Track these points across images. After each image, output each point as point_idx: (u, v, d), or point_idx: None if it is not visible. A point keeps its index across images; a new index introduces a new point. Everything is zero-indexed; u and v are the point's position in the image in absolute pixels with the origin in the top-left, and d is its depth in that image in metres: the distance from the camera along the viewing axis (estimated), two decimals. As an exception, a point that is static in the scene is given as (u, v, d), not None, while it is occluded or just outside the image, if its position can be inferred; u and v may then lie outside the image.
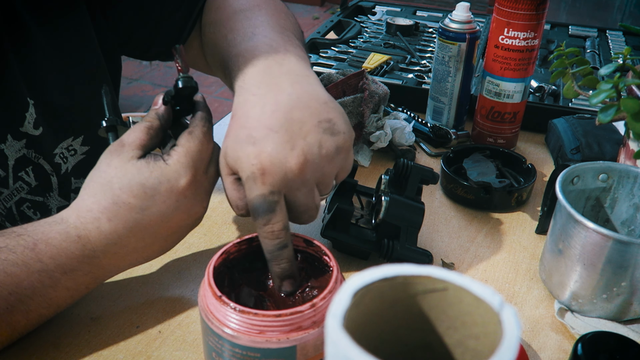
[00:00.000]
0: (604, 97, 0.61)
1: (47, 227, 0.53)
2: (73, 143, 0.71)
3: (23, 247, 0.51)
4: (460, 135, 0.94)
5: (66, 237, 0.52)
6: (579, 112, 0.94)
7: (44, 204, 0.68)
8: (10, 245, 0.51)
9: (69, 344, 0.56)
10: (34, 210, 0.67)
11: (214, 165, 0.57)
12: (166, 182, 0.53)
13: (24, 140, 0.65)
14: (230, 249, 0.52)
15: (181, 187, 0.53)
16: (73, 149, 0.71)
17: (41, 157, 0.67)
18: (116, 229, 0.53)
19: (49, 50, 0.67)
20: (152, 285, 0.64)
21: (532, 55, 0.85)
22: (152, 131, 0.56)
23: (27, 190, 0.66)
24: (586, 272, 0.58)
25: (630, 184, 0.64)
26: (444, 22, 0.91)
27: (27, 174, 0.66)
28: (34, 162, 0.66)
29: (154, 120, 0.56)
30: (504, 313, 0.29)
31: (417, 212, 0.65)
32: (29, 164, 0.66)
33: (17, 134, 0.64)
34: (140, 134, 0.55)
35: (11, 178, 0.64)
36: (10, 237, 0.52)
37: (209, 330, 0.47)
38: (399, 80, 1.06)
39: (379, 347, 0.34)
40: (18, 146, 0.64)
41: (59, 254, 0.52)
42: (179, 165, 0.54)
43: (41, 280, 0.51)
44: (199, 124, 0.56)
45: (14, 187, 0.64)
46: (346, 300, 0.30)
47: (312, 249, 0.54)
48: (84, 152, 0.72)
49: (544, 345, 0.58)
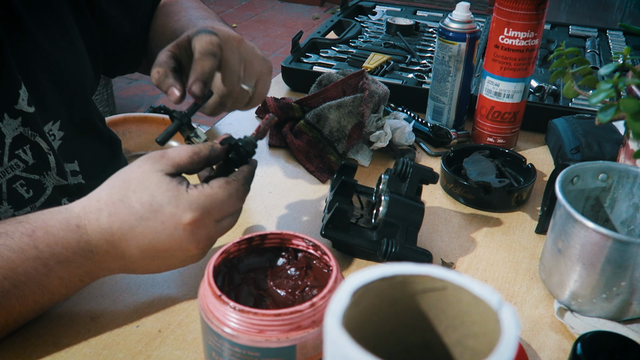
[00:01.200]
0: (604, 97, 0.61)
1: (49, 215, 0.54)
2: (52, 127, 0.72)
3: (21, 233, 0.52)
4: (460, 135, 0.94)
5: (65, 226, 0.53)
6: (579, 112, 0.94)
7: (39, 182, 0.69)
8: (9, 230, 0.52)
9: (69, 343, 0.56)
10: (27, 188, 0.67)
11: (230, 221, 0.58)
12: (174, 206, 0.54)
13: (20, 118, 0.65)
14: (230, 248, 0.52)
15: (184, 220, 0.54)
16: (52, 134, 0.72)
17: (37, 134, 0.68)
18: (111, 226, 0.54)
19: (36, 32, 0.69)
20: (152, 285, 0.64)
21: (532, 55, 0.85)
22: (197, 158, 0.57)
23: (23, 168, 0.66)
24: (586, 272, 0.58)
25: (630, 184, 0.64)
26: (444, 22, 0.91)
27: (24, 152, 0.67)
28: (31, 141, 0.67)
29: (205, 150, 0.57)
30: (502, 312, 0.29)
31: (417, 211, 0.65)
32: (26, 142, 0.67)
33: (13, 112, 0.65)
34: (184, 155, 0.56)
35: (6, 156, 0.65)
36: (11, 224, 0.53)
37: (208, 330, 0.47)
38: (399, 80, 1.06)
39: (378, 346, 0.34)
40: (15, 124, 0.65)
41: (55, 243, 0.53)
42: (195, 200, 0.54)
43: (35, 267, 0.52)
44: (239, 179, 0.58)
45: (8, 165, 0.65)
46: (345, 299, 0.30)
47: (312, 248, 0.54)
48: (60, 137, 0.73)
49: (544, 345, 0.58)
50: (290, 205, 0.78)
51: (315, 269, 0.53)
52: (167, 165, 0.55)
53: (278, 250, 0.55)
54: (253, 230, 0.73)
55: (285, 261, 0.54)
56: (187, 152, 0.56)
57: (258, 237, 0.54)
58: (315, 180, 0.84)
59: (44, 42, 0.70)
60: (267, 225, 0.75)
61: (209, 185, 0.55)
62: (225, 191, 0.56)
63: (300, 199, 0.80)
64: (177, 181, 0.55)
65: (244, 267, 0.53)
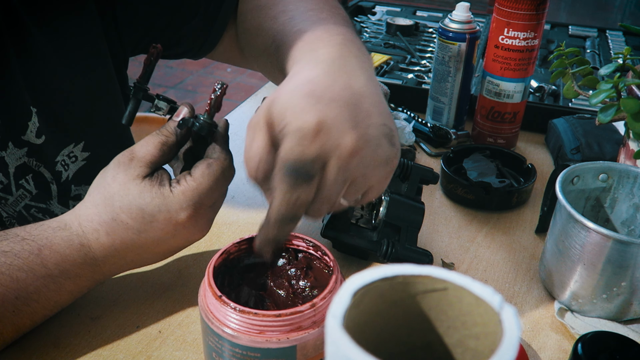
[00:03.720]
0: (604, 97, 0.61)
1: (52, 233, 0.53)
2: (74, 149, 0.70)
3: (28, 253, 0.51)
4: (460, 135, 0.94)
5: (69, 245, 0.53)
6: (579, 112, 0.94)
7: (47, 209, 0.68)
8: (16, 249, 0.51)
9: (69, 344, 0.56)
10: (42, 214, 0.67)
11: (222, 197, 0.56)
12: (165, 212, 0.52)
13: (25, 148, 0.64)
14: (231, 248, 0.52)
15: (180, 219, 0.53)
16: (74, 155, 0.70)
17: (42, 165, 0.66)
18: (113, 243, 0.53)
19: (53, 58, 0.66)
20: (152, 285, 0.64)
21: (532, 55, 0.85)
22: (166, 147, 0.54)
23: (30, 198, 0.66)
24: (586, 272, 0.58)
25: (630, 184, 0.64)
26: (444, 22, 0.91)
27: (27, 182, 0.65)
28: (34, 171, 0.66)
29: (170, 136, 0.54)
30: (504, 313, 0.29)
31: (417, 212, 0.65)
32: (29, 171, 0.65)
33: (19, 142, 0.63)
34: (153, 149, 0.53)
35: (13, 185, 0.64)
36: (15, 241, 0.52)
37: (209, 330, 0.47)
38: (399, 80, 1.06)
39: (379, 347, 0.34)
40: (19, 154, 0.64)
41: (63, 261, 0.52)
42: (184, 198, 0.52)
43: (46, 285, 0.52)
44: (219, 158, 0.54)
45: (18, 195, 0.64)
46: (346, 300, 0.30)
47: (312, 248, 0.54)
48: (84, 158, 0.71)
49: (544, 345, 0.58)
50: (291, 205, 0.78)
51: (315, 270, 0.53)
52: (140, 167, 0.53)
53: (278, 250, 0.55)
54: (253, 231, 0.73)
55: (286, 262, 0.54)
56: (154, 145, 0.53)
57: (258, 237, 0.54)
58: (315, 181, 0.84)
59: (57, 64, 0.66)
60: (267, 225, 0.75)
61: (192, 177, 0.53)
62: (210, 178, 0.53)
63: (300, 199, 0.79)
64: (157, 183, 0.52)
65: (244, 268, 0.53)
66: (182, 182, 0.53)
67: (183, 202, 0.52)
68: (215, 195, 0.54)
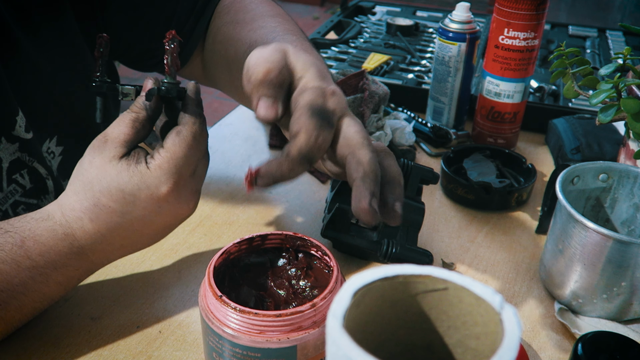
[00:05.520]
0: (604, 97, 0.61)
1: (34, 224, 0.52)
2: (50, 145, 0.70)
3: (11, 245, 0.51)
4: (460, 135, 0.94)
5: (53, 235, 0.52)
6: (579, 112, 0.94)
7: (37, 206, 0.67)
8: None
9: (69, 344, 0.56)
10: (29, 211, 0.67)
11: (203, 163, 0.55)
12: (145, 189, 0.51)
13: (17, 143, 0.64)
14: (231, 249, 0.52)
15: (162, 194, 0.52)
16: (51, 151, 0.70)
17: (35, 160, 0.66)
18: (99, 229, 0.53)
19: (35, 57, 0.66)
20: (152, 285, 0.64)
21: (532, 55, 0.85)
22: (138, 124, 0.53)
23: (21, 193, 0.65)
24: (586, 272, 0.58)
25: (630, 184, 0.64)
26: (444, 22, 0.91)
27: (22, 176, 0.65)
28: (29, 166, 0.66)
29: (141, 112, 0.53)
30: (504, 313, 0.29)
31: (417, 212, 0.65)
32: (23, 166, 0.65)
33: (10, 137, 0.64)
34: (125, 128, 0.52)
35: (5, 181, 0.64)
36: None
37: (209, 330, 0.47)
38: (399, 80, 1.06)
39: (379, 346, 0.34)
40: (12, 149, 0.64)
41: (48, 251, 0.52)
42: (161, 171, 0.51)
43: (32, 277, 0.51)
44: (188, 122, 0.53)
45: (8, 190, 0.64)
46: (346, 300, 0.30)
47: (312, 249, 0.54)
48: (60, 152, 0.71)
49: (544, 345, 0.58)
50: (291, 205, 0.78)
51: (315, 270, 0.53)
52: (115, 148, 0.52)
53: (278, 250, 0.55)
54: (253, 231, 0.73)
55: (286, 262, 0.54)
56: (126, 124, 0.52)
57: (258, 237, 0.54)
58: (316, 181, 0.84)
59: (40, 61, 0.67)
60: (267, 225, 0.75)
61: (164, 148, 0.52)
62: (182, 145, 0.52)
63: (300, 199, 0.80)
64: (134, 162, 0.51)
65: (244, 268, 0.53)
66: (155, 156, 0.52)
67: (161, 175, 0.51)
68: (192, 162, 0.53)
